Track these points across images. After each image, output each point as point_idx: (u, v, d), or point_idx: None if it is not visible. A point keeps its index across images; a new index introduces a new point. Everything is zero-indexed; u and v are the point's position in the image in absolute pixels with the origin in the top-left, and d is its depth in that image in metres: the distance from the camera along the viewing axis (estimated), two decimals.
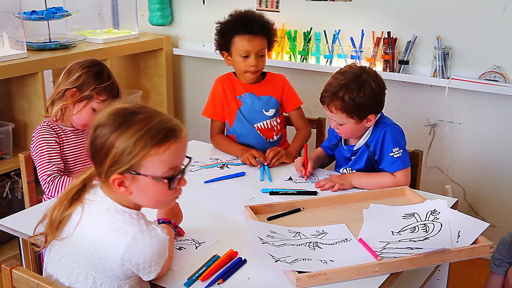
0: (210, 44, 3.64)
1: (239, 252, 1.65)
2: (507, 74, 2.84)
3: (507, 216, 2.98)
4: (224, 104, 2.62)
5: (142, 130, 1.35)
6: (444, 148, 3.12)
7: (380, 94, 2.15)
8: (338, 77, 2.14)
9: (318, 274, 1.51)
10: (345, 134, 2.22)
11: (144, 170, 1.36)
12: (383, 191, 2.08)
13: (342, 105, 2.10)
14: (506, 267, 2.09)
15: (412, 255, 1.61)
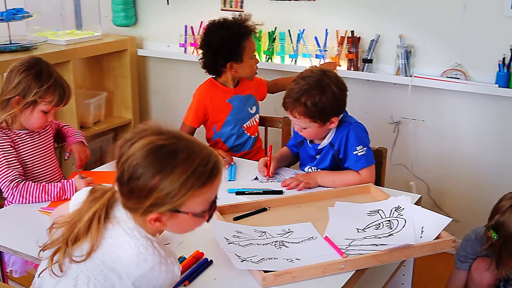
0: (175, 44, 3.63)
1: (205, 253, 1.65)
2: (468, 72, 2.89)
3: (470, 211, 3.03)
4: (210, 111, 2.65)
5: (187, 173, 1.29)
6: (408, 145, 3.16)
7: (342, 97, 2.17)
8: (299, 82, 2.15)
9: (284, 273, 1.51)
10: (308, 136, 2.23)
11: (185, 208, 1.32)
12: (348, 189, 2.10)
13: (305, 110, 2.11)
14: (470, 262, 2.13)
15: (377, 251, 1.63)
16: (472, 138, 2.99)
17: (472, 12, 2.82)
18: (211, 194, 1.35)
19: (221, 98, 2.65)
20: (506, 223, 1.92)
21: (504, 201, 1.98)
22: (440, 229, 1.75)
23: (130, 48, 3.73)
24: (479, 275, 2.09)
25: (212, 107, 2.64)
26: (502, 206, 1.97)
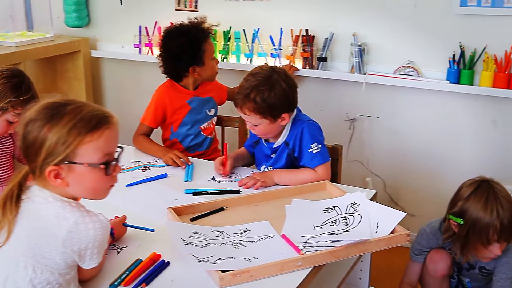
0: (129, 45, 3.60)
1: (162, 254, 1.63)
2: (420, 69, 2.95)
3: (424, 205, 3.10)
4: (169, 112, 2.64)
5: (74, 119, 1.35)
6: (363, 142, 3.20)
7: (291, 93, 2.18)
8: (249, 79, 2.16)
9: (242, 272, 1.51)
10: (261, 134, 2.24)
11: (79, 158, 1.35)
12: (305, 186, 2.11)
13: (255, 106, 2.12)
14: (425, 255, 2.17)
15: (334, 247, 1.64)
16: (425, 133, 3.06)
17: (423, 10, 2.88)
18: (105, 143, 1.38)
19: (180, 99, 2.64)
20: (471, 208, 1.98)
21: (464, 188, 2.04)
22: (395, 223, 1.78)
23: (83, 49, 3.67)
24: (433, 266, 2.13)
25: (171, 108, 2.63)
26: (464, 193, 2.03)
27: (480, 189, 2.00)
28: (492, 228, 1.93)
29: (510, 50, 2.72)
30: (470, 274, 2.16)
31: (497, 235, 1.94)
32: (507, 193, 1.99)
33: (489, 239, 1.95)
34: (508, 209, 1.94)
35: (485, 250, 1.99)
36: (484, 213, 1.95)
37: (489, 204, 1.95)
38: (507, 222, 1.93)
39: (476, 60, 2.82)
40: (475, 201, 1.98)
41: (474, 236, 1.98)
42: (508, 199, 1.96)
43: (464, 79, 2.84)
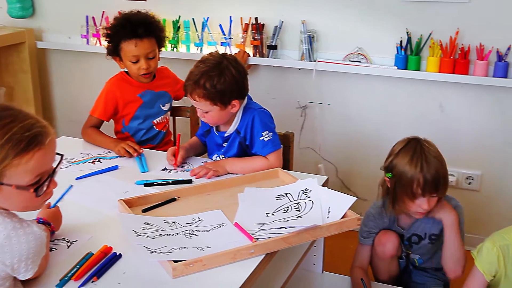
0: (77, 36, 3.52)
1: (113, 247, 1.62)
2: (369, 55, 2.99)
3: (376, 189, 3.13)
4: (120, 105, 2.59)
5: (2, 139, 1.27)
6: (315, 128, 3.23)
7: (242, 79, 2.19)
8: (199, 65, 2.16)
9: (194, 262, 1.51)
10: (211, 121, 2.23)
11: (7, 179, 1.29)
12: (257, 174, 2.11)
13: (204, 92, 2.11)
14: (373, 237, 2.21)
15: (286, 234, 1.66)
16: (375, 118, 3.10)
17: None
18: (35, 166, 1.32)
19: (131, 92, 2.60)
20: (398, 162, 2.08)
21: (396, 145, 2.15)
22: (346, 208, 1.80)
23: (28, 40, 3.57)
24: (381, 248, 2.17)
25: (122, 101, 2.59)
26: (395, 149, 2.14)
27: (409, 145, 2.09)
28: (416, 182, 2.02)
29: (455, 36, 2.78)
30: (421, 247, 2.22)
31: (420, 189, 2.02)
32: (436, 151, 2.07)
33: (413, 192, 2.04)
34: (433, 165, 2.02)
35: (412, 204, 2.07)
36: (409, 167, 2.03)
37: (414, 158, 2.04)
38: (431, 177, 2.01)
39: (422, 46, 2.87)
40: (403, 156, 2.07)
41: (401, 189, 2.07)
42: (435, 155, 2.05)
43: (411, 65, 2.89)
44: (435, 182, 2.03)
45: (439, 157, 2.06)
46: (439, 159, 2.06)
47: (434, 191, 2.05)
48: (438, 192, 2.07)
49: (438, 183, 2.04)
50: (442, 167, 2.05)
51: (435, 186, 2.04)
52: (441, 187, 2.06)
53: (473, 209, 3.03)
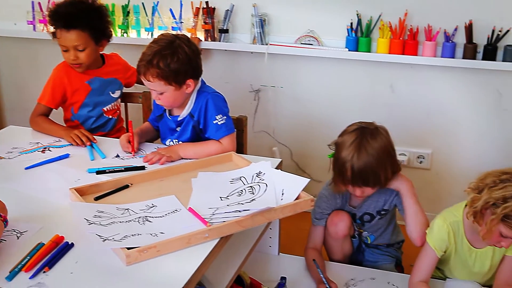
0: (23, 22, 3.42)
1: (65, 236, 1.59)
2: (320, 37, 3.00)
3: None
4: (68, 92, 2.54)
5: None
6: (269, 112, 3.24)
7: (195, 58, 2.17)
8: (151, 45, 2.14)
9: (148, 248, 1.49)
10: (167, 103, 2.20)
11: None
12: (211, 158, 2.11)
13: (159, 72, 2.09)
14: (326, 218, 2.23)
15: (240, 217, 1.66)
16: (328, 100, 3.13)
17: None
18: None
19: (79, 78, 2.54)
20: (339, 146, 2.11)
21: (350, 126, 2.17)
22: (299, 190, 1.82)
23: None
24: (334, 228, 2.21)
25: (70, 88, 2.53)
26: (347, 129, 2.16)
27: (354, 132, 2.10)
28: (344, 169, 2.06)
29: (404, 17, 2.82)
30: (373, 224, 2.26)
31: (349, 177, 2.05)
32: (376, 148, 2.05)
33: (343, 178, 2.08)
34: (364, 159, 2.03)
35: (345, 188, 2.12)
36: (344, 152, 2.06)
37: (351, 146, 2.05)
38: (357, 169, 2.03)
39: (372, 28, 2.90)
40: (345, 140, 2.09)
41: (335, 171, 2.12)
42: (372, 151, 2.04)
43: (362, 47, 2.92)
44: (361, 175, 2.04)
45: (376, 153, 2.04)
46: (374, 155, 2.04)
47: (362, 183, 2.07)
48: (369, 185, 2.08)
49: (365, 178, 2.05)
50: (375, 163, 2.04)
51: (362, 179, 2.06)
52: (371, 182, 2.07)
53: (424, 187, 3.10)
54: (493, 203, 1.78)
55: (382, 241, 2.32)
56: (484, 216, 1.83)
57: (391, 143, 2.13)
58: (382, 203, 2.21)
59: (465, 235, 2.02)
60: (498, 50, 2.76)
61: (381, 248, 2.35)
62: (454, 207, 2.07)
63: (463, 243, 2.03)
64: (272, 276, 2.15)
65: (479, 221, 1.86)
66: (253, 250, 1.99)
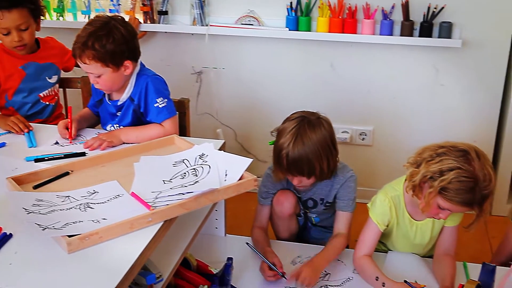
0: None
1: (3, 227, 1.54)
2: (261, 17, 3.00)
3: None
4: (1, 77, 2.46)
5: None
6: (212, 94, 3.22)
7: (132, 39, 2.14)
8: (86, 27, 2.09)
9: (90, 235, 1.47)
10: (105, 86, 2.16)
11: None
12: (152, 142, 2.08)
13: (94, 53, 2.05)
14: (272, 197, 2.25)
15: (183, 200, 1.65)
16: (269, 80, 3.14)
17: None
18: None
19: (12, 63, 2.46)
20: (279, 133, 2.10)
21: (294, 113, 2.14)
22: (243, 170, 1.82)
23: None
24: (280, 207, 2.22)
25: (2, 73, 2.45)
26: (290, 117, 2.13)
27: (297, 119, 2.08)
28: (280, 157, 2.05)
29: None
30: (316, 210, 2.28)
31: (284, 166, 2.05)
32: (315, 139, 2.03)
33: (280, 166, 2.07)
34: (299, 149, 2.01)
35: (284, 176, 2.12)
36: (282, 140, 2.05)
37: (289, 135, 2.04)
38: (291, 158, 2.02)
39: (312, 7, 2.91)
40: (286, 127, 2.07)
41: (274, 158, 2.11)
42: (310, 142, 2.02)
43: (302, 26, 2.93)
44: (295, 164, 2.03)
45: (312, 144, 2.02)
46: (310, 146, 2.02)
47: (296, 173, 2.06)
48: (304, 175, 2.07)
49: (299, 167, 2.04)
50: (310, 153, 2.02)
51: (296, 169, 2.04)
52: (305, 172, 2.05)
53: (367, 163, 3.16)
54: (431, 176, 1.83)
55: (327, 224, 2.35)
56: (422, 189, 1.88)
57: (332, 135, 2.10)
58: (326, 192, 2.21)
59: (406, 209, 2.07)
60: (434, 27, 2.82)
61: (327, 227, 2.38)
62: (395, 182, 2.11)
63: (404, 216, 2.08)
64: (219, 257, 2.15)
65: (418, 194, 1.91)
66: (199, 232, 1.98)
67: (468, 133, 2.98)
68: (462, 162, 1.80)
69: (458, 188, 1.79)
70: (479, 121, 3.02)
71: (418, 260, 2.15)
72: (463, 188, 1.79)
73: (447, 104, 3.01)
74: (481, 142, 2.89)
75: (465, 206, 1.84)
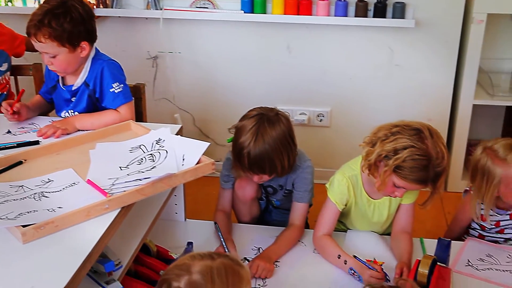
0: None
1: None
2: (215, 0, 2.97)
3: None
4: None
5: None
6: (168, 78, 3.19)
7: (89, 20, 2.10)
8: (42, 5, 2.05)
9: (45, 224, 1.44)
10: (60, 67, 2.11)
11: None
12: (108, 128, 2.05)
13: (51, 32, 2.00)
14: (233, 181, 2.24)
15: (141, 185, 1.63)
16: (226, 63, 3.12)
17: None
18: None
19: None
20: (238, 131, 2.05)
21: (248, 112, 2.10)
22: (200, 154, 1.81)
23: None
24: (241, 191, 2.22)
25: None
26: (248, 114, 2.08)
27: (256, 117, 2.03)
28: (241, 156, 2.00)
29: None
30: (276, 196, 2.29)
31: (245, 164, 2.01)
32: (274, 136, 2.00)
33: (241, 165, 2.03)
34: (260, 148, 1.97)
35: (245, 173, 2.08)
36: (242, 138, 2.00)
37: (249, 133, 1.99)
38: (253, 157, 1.98)
39: None
40: (245, 125, 2.02)
41: (233, 156, 2.07)
42: (270, 140, 1.99)
43: (257, 8, 2.92)
44: (257, 162, 1.99)
45: (273, 142, 1.98)
46: (271, 143, 1.98)
47: (258, 171, 2.03)
48: (265, 173, 2.05)
49: (262, 165, 2.01)
50: (271, 151, 1.98)
51: (258, 167, 2.01)
52: (267, 170, 2.03)
53: (325, 144, 3.19)
54: (385, 155, 1.86)
55: (288, 206, 2.34)
56: (378, 168, 1.91)
57: (291, 131, 2.08)
58: (284, 180, 2.20)
59: (364, 188, 2.09)
60: (387, 7, 2.85)
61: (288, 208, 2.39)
62: (352, 161, 2.14)
63: (362, 195, 2.10)
64: (180, 242, 2.14)
65: (374, 173, 1.93)
66: (158, 218, 1.97)
67: (424, 112, 3.03)
68: (416, 140, 1.83)
69: (412, 166, 1.82)
70: (433, 100, 3.07)
71: (376, 238, 2.18)
72: (416, 166, 1.82)
73: (402, 84, 3.05)
74: (436, 120, 2.95)
75: (420, 183, 1.87)
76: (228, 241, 2.09)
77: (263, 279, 1.95)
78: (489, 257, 2.06)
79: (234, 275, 1.32)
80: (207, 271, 1.30)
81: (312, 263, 2.07)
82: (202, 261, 1.33)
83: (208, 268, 1.30)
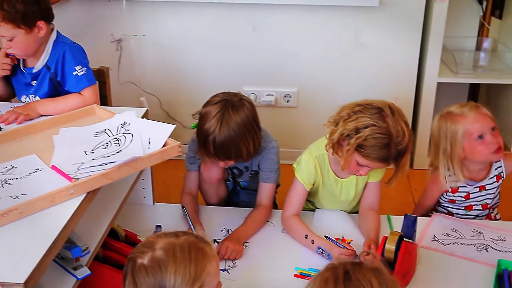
0: None
1: None
2: None
3: None
4: None
5: None
6: (133, 62, 3.15)
7: None
8: None
9: (9, 211, 1.42)
10: (19, 50, 2.08)
11: None
12: (72, 113, 2.02)
13: (4, 14, 1.97)
14: (199, 163, 2.23)
15: (106, 170, 1.62)
16: (190, 45, 3.10)
17: None
18: None
19: None
20: (202, 118, 2.03)
21: (211, 98, 2.08)
22: (166, 137, 1.80)
23: None
24: (208, 173, 2.21)
25: None
26: (211, 100, 2.06)
27: (220, 103, 2.01)
28: (206, 142, 1.99)
29: None
30: (243, 177, 2.29)
31: (211, 151, 2.01)
32: (239, 121, 1.99)
33: (207, 151, 2.02)
34: (226, 133, 1.97)
35: (210, 160, 2.08)
36: (207, 125, 1.99)
37: (214, 119, 1.97)
38: (219, 143, 1.98)
39: None
40: (209, 111, 2.01)
41: (198, 142, 2.06)
42: (234, 126, 1.97)
43: None
44: (223, 149, 1.99)
45: (237, 127, 1.98)
46: (236, 129, 1.98)
47: (224, 157, 2.03)
48: (231, 159, 2.05)
49: (227, 152, 2.00)
50: (236, 137, 1.98)
51: (224, 153, 2.01)
52: (233, 156, 2.03)
53: (292, 125, 3.20)
54: (347, 134, 1.87)
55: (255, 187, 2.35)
56: (341, 147, 1.92)
57: (255, 115, 2.07)
58: (250, 162, 2.20)
59: (331, 167, 2.11)
60: None
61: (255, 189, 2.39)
62: (319, 141, 2.14)
63: (329, 174, 2.12)
64: (148, 226, 2.13)
65: (338, 152, 1.95)
66: (126, 202, 1.95)
67: (390, 91, 3.06)
68: (377, 119, 1.85)
69: (374, 144, 1.84)
70: (399, 78, 3.10)
71: (344, 216, 2.20)
72: (378, 144, 1.84)
73: (368, 64, 3.07)
74: (402, 99, 2.98)
75: (382, 162, 1.90)
76: (196, 224, 2.08)
77: (233, 260, 1.96)
78: (454, 231, 2.10)
79: (198, 251, 1.33)
80: (169, 248, 1.31)
81: (281, 243, 2.08)
82: (165, 239, 1.34)
83: (171, 245, 1.32)
